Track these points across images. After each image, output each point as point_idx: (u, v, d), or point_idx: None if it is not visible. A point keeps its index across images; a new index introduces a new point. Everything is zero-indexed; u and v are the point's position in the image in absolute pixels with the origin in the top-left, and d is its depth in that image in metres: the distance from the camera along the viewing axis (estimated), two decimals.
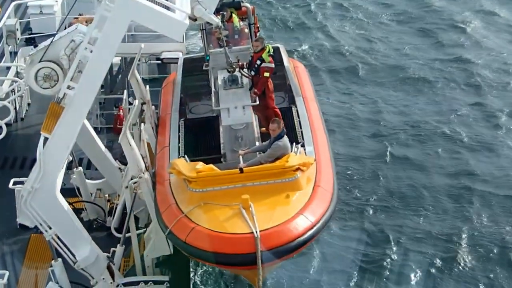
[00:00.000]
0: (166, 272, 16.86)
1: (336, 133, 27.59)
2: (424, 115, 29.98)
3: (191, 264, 19.47)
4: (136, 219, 18.20)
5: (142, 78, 23.80)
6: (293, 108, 17.48)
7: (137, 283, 16.19)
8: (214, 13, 15.64)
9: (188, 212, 13.85)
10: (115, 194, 19.80)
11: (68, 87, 14.65)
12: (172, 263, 16.63)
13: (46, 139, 14.87)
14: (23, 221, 15.28)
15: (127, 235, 16.61)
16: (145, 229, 17.59)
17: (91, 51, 14.47)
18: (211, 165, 14.61)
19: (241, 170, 14.24)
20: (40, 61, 15.23)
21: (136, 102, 17.35)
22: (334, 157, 16.50)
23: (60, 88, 15.00)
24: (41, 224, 14.98)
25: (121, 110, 22.70)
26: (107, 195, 19.71)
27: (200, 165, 14.55)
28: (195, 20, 15.15)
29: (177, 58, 21.48)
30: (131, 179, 16.00)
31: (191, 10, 14.97)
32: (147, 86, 18.45)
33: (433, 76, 33.24)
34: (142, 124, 17.43)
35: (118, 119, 22.84)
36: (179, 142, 16.66)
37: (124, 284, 16.04)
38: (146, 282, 16.22)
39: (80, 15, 22.84)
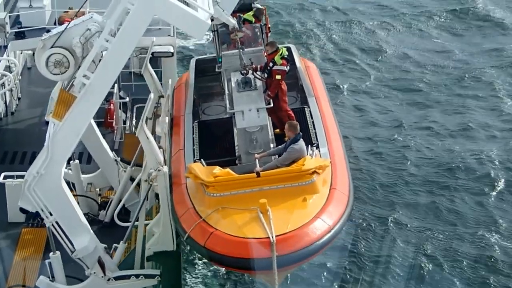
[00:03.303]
0: (157, 266, 16.82)
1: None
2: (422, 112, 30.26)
3: (182, 258, 19.45)
4: (127, 212, 18.21)
5: (133, 72, 23.85)
6: (306, 109, 17.53)
7: (129, 276, 16.15)
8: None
9: (206, 216, 13.92)
10: (106, 188, 19.77)
11: (84, 76, 14.58)
12: (163, 257, 16.57)
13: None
14: (24, 206, 15.16)
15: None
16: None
17: (107, 41, 14.30)
18: (228, 169, 14.66)
19: (258, 174, 14.31)
20: (52, 47, 15.11)
21: (152, 95, 17.24)
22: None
23: (69, 75, 14.91)
24: (42, 210, 14.92)
25: (111, 104, 22.61)
26: (98, 189, 19.66)
27: (217, 169, 14.60)
28: (212, 20, 15.09)
29: (168, 52, 21.46)
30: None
31: None
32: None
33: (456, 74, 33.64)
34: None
35: (108, 113, 22.73)
36: (193, 145, 16.70)
37: (116, 278, 16.00)
38: (137, 276, 16.19)
39: (70, 8, 22.75)
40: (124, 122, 23.29)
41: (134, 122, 23.47)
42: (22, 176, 17.81)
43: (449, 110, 30.63)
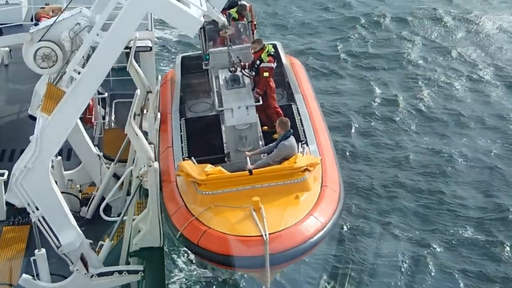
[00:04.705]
0: (141, 262, 16.76)
1: None
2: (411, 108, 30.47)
3: (165, 253, 19.39)
4: (109, 208, 18.11)
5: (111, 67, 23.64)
6: (293, 106, 17.57)
7: (112, 273, 16.08)
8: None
9: (199, 215, 13.91)
10: (87, 185, 19.65)
11: (74, 71, 14.42)
12: (147, 252, 16.51)
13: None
14: (11, 200, 15.08)
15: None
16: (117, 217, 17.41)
17: (98, 35, 14.22)
18: (219, 167, 14.64)
19: (250, 171, 14.33)
20: (40, 40, 14.92)
21: (138, 91, 17.20)
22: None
23: (57, 69, 14.80)
24: (28, 205, 14.83)
25: (90, 100, 22.45)
26: (78, 186, 19.55)
27: (208, 167, 14.58)
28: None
29: (147, 46, 21.36)
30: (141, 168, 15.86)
31: None
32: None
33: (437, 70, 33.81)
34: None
35: (87, 108, 22.59)
36: (181, 143, 16.66)
37: (99, 274, 15.93)
38: (120, 272, 16.12)
39: (46, 4, 22.57)
40: (103, 118, 23.15)
41: (113, 118, 23.35)
42: (1, 174, 17.79)
43: (439, 98, 31.04)
